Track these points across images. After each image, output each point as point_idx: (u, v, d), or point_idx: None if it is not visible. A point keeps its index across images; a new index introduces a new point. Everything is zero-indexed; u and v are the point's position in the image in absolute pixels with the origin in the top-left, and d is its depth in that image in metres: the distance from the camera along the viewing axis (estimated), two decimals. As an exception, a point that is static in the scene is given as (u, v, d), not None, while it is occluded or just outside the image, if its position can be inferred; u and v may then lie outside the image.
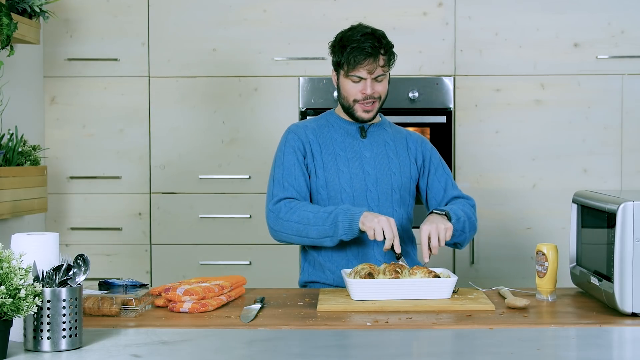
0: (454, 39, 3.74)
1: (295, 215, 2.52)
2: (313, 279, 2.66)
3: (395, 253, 2.43)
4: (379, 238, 2.40)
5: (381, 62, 2.58)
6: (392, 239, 2.40)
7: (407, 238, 2.68)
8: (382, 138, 2.70)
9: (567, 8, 3.72)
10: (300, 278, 2.73)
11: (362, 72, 2.57)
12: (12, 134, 3.24)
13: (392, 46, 2.61)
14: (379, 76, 2.59)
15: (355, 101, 2.61)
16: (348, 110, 2.65)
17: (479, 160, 3.75)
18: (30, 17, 3.36)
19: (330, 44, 2.65)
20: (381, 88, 2.61)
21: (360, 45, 2.55)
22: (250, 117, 3.76)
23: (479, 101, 3.74)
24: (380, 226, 2.40)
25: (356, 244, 2.59)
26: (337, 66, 2.63)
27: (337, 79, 2.65)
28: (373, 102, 2.61)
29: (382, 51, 2.57)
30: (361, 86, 2.58)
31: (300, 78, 3.74)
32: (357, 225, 2.44)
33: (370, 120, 2.66)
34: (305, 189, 2.61)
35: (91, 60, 3.77)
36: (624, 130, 3.69)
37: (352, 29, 2.62)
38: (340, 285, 2.58)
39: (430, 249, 2.44)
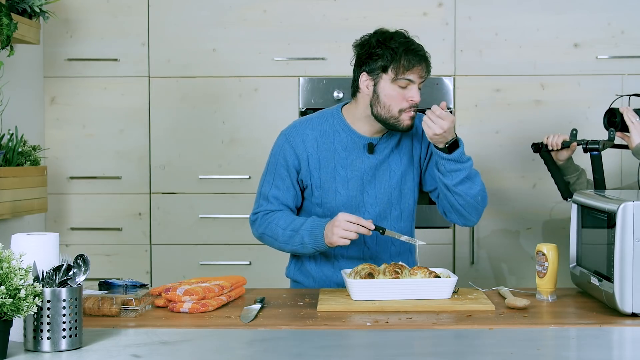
0: (454, 39, 3.74)
1: (267, 229, 2.53)
2: (297, 279, 2.66)
3: (379, 230, 2.40)
4: (352, 238, 2.36)
5: (426, 68, 2.45)
6: (359, 232, 2.35)
7: (405, 250, 2.65)
8: (388, 148, 2.55)
9: (567, 8, 3.72)
10: (287, 271, 2.72)
11: (414, 76, 2.40)
12: (12, 134, 3.24)
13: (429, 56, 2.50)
14: (421, 83, 2.44)
15: (401, 111, 2.42)
16: (387, 122, 2.44)
17: (479, 160, 3.75)
18: (30, 17, 3.36)
19: (363, 50, 2.47)
20: (419, 98, 2.45)
21: (413, 48, 2.41)
22: (250, 117, 3.76)
23: (479, 101, 3.74)
24: (340, 238, 2.35)
25: (344, 258, 2.58)
26: (381, 70, 2.42)
27: (375, 85, 2.44)
28: (415, 110, 2.45)
29: (428, 56, 2.46)
30: (408, 93, 2.41)
31: (300, 78, 3.74)
32: (325, 247, 2.43)
33: (410, 130, 2.50)
34: (292, 202, 2.56)
35: (91, 60, 3.77)
36: (624, 130, 3.69)
37: (385, 32, 2.46)
38: None
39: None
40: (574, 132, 2.92)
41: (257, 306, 2.21)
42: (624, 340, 1.97)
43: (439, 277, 2.31)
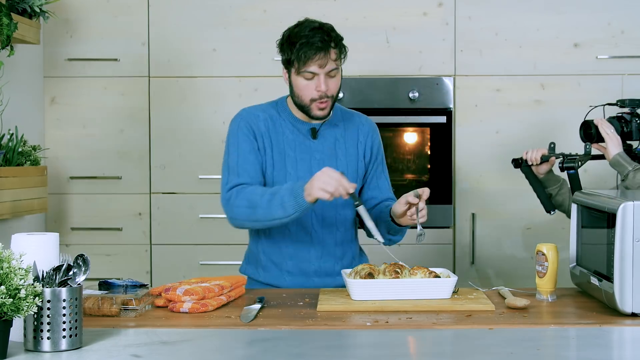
0: (454, 39, 3.74)
1: (244, 200, 2.49)
2: (248, 274, 2.68)
3: (354, 199, 2.39)
4: (330, 191, 2.34)
5: (332, 56, 2.49)
6: (344, 189, 2.34)
7: (350, 238, 2.66)
8: (333, 136, 2.63)
9: (567, 8, 3.72)
10: (240, 267, 2.75)
11: (313, 67, 2.48)
12: (12, 134, 3.24)
13: (342, 39, 2.54)
14: (331, 70, 2.50)
15: (312, 100, 2.52)
16: (303, 109, 2.56)
17: (479, 160, 3.75)
18: (30, 17, 3.36)
19: (277, 42, 2.59)
20: (334, 85, 2.53)
21: (309, 40, 2.47)
22: (250, 117, 3.76)
23: (479, 101, 3.74)
24: (319, 190, 2.33)
25: (293, 244, 2.60)
26: (287, 64, 2.54)
27: (289, 77, 2.56)
28: (327, 100, 2.53)
29: (332, 44, 2.49)
30: (315, 83, 2.50)
31: (300, 78, 3.74)
32: (305, 204, 2.39)
33: (326, 118, 2.60)
34: (260, 175, 2.57)
35: (91, 60, 3.77)
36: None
37: (300, 24, 2.55)
38: (272, 285, 2.61)
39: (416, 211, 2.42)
40: (552, 145, 2.93)
41: (257, 306, 2.21)
42: (624, 340, 1.97)
43: (439, 277, 2.31)
